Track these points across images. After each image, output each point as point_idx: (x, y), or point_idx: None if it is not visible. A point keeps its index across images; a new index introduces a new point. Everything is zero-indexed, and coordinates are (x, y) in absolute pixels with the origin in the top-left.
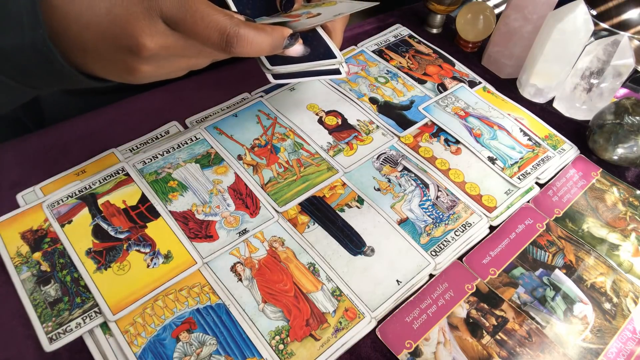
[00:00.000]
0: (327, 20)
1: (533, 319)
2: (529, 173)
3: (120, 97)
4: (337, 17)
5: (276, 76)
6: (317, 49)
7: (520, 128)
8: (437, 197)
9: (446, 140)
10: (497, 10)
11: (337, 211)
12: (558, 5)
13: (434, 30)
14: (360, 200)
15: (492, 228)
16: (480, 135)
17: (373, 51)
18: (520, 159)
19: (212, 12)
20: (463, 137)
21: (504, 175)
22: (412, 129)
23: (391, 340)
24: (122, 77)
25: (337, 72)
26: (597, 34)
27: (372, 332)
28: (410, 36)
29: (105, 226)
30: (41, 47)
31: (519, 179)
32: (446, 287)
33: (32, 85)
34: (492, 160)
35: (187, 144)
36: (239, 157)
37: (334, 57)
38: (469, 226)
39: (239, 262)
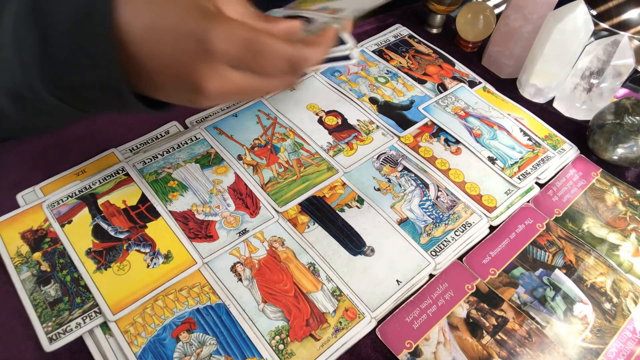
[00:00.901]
0: (350, 16)
1: (533, 319)
2: (529, 173)
3: None
4: (361, 12)
5: None
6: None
7: (520, 128)
8: (437, 197)
9: (446, 140)
10: (497, 10)
11: (337, 211)
12: (558, 5)
13: (434, 30)
14: (360, 200)
15: (492, 228)
16: (480, 135)
17: (373, 51)
18: (520, 159)
19: (273, 42)
20: (463, 137)
21: (504, 175)
22: (412, 129)
23: (391, 340)
24: (189, 103)
25: (347, 58)
26: (597, 34)
27: (372, 332)
28: (410, 36)
29: (105, 226)
30: (115, 85)
31: (519, 179)
32: (446, 287)
33: (90, 112)
34: (492, 160)
35: (187, 144)
36: (239, 157)
37: (346, 43)
38: (469, 226)
39: (239, 262)
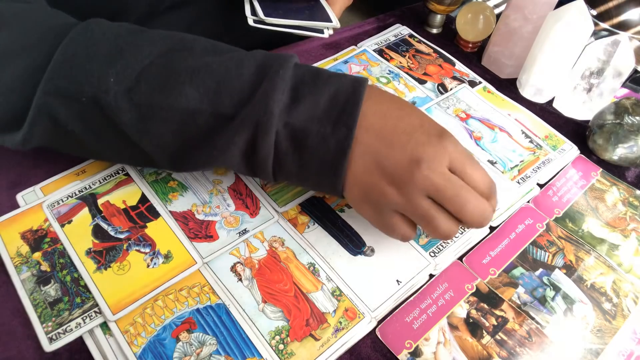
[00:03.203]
0: None
1: (533, 319)
2: (529, 176)
3: None
4: None
5: (258, 22)
6: (316, 12)
7: (521, 130)
8: None
9: None
10: (497, 10)
11: (337, 211)
12: (558, 5)
13: (434, 30)
14: None
15: (492, 228)
16: (480, 138)
17: (374, 50)
18: (520, 161)
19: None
20: (463, 140)
21: (504, 178)
22: None
23: (391, 340)
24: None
25: (320, 32)
26: (597, 34)
27: (372, 332)
28: (411, 35)
29: (105, 226)
30: (332, 192)
31: (519, 182)
32: (446, 287)
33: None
34: (491, 163)
35: None
36: None
37: (330, 21)
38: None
39: (239, 262)
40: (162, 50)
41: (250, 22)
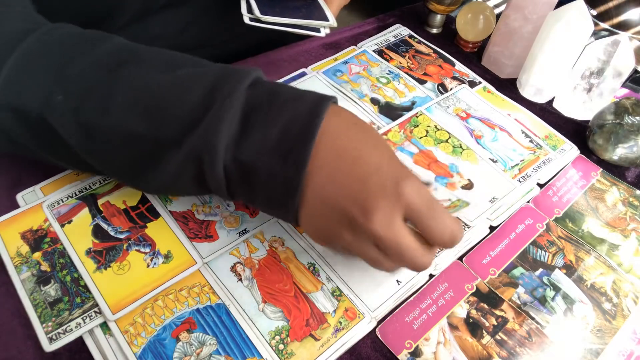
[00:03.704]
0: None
1: (533, 319)
2: (529, 175)
3: None
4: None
5: (254, 19)
6: (313, 11)
7: (521, 130)
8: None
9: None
10: (497, 10)
11: None
12: (558, 5)
13: (434, 30)
14: None
15: (492, 228)
16: (481, 137)
17: (373, 51)
18: (520, 161)
19: (444, 210)
20: (464, 139)
21: (505, 177)
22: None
23: (391, 340)
24: (318, 239)
25: (317, 30)
26: (597, 34)
27: (372, 332)
28: (411, 36)
29: (105, 226)
30: (287, 212)
31: (519, 181)
32: (446, 287)
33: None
34: (492, 162)
35: None
36: None
37: (327, 20)
38: (468, 227)
39: (239, 262)
40: (113, 66)
41: (246, 19)
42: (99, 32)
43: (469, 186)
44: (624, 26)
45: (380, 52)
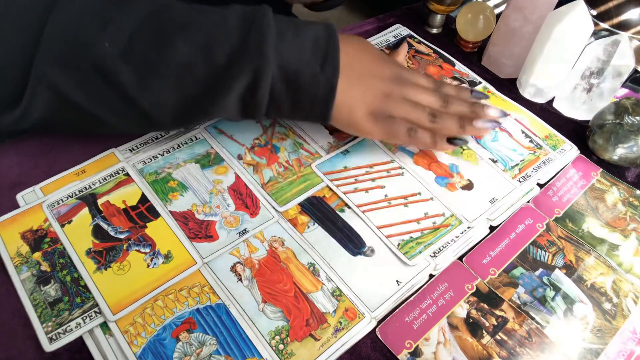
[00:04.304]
0: None
1: (533, 319)
2: (530, 175)
3: None
4: None
5: None
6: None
7: (521, 130)
8: None
9: None
10: (497, 10)
11: (337, 211)
12: (558, 5)
13: (434, 30)
14: None
15: (492, 228)
16: (481, 137)
17: None
18: (521, 160)
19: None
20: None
21: (505, 177)
22: None
23: (391, 340)
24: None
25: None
26: (597, 34)
27: (372, 332)
28: (410, 36)
29: (105, 226)
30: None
31: (519, 181)
32: (446, 287)
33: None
34: (493, 162)
35: (187, 144)
36: (239, 157)
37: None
38: (468, 227)
39: (239, 262)
40: (149, 12)
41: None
42: None
43: (468, 187)
44: (624, 26)
45: None
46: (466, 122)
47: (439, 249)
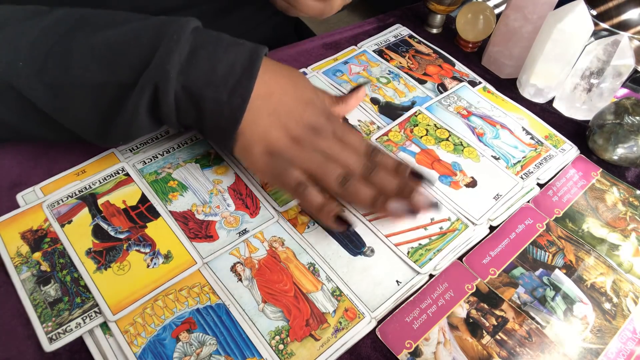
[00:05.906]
0: None
1: (533, 319)
2: (532, 172)
3: None
4: None
5: None
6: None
7: (522, 127)
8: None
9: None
10: (497, 10)
11: None
12: (558, 5)
13: (434, 30)
14: None
15: (492, 228)
16: (483, 134)
17: (373, 51)
18: (522, 157)
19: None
20: (466, 137)
21: (508, 173)
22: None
23: (391, 340)
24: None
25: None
26: (597, 34)
27: (372, 332)
28: (410, 36)
29: (105, 226)
30: (228, 138)
31: (522, 178)
32: (446, 287)
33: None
34: (495, 159)
35: (187, 144)
36: None
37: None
38: (474, 225)
39: (239, 262)
40: (66, 30)
41: None
42: (40, 6)
43: (472, 184)
44: (624, 26)
45: (380, 52)
46: (381, 199)
47: (447, 254)
